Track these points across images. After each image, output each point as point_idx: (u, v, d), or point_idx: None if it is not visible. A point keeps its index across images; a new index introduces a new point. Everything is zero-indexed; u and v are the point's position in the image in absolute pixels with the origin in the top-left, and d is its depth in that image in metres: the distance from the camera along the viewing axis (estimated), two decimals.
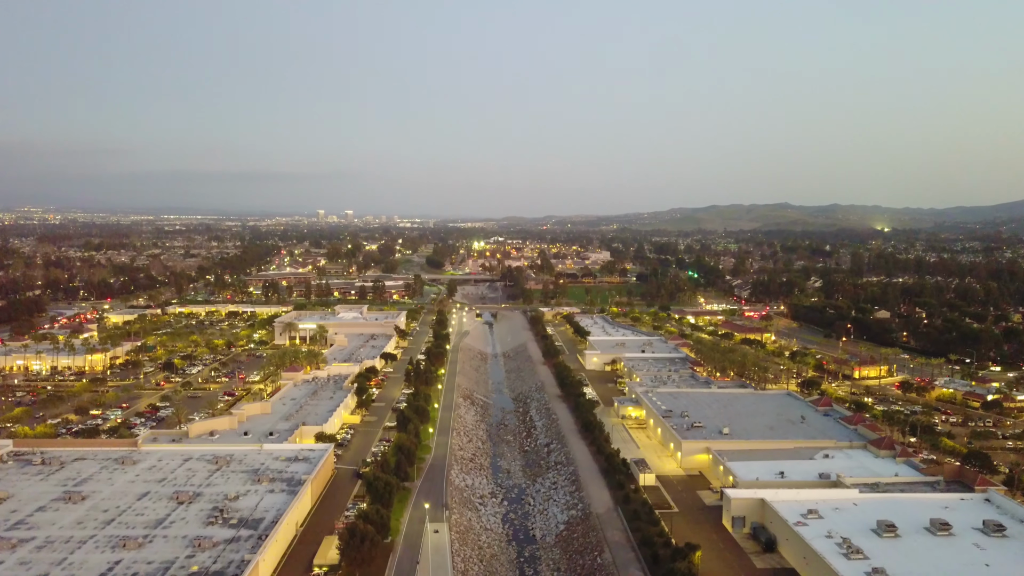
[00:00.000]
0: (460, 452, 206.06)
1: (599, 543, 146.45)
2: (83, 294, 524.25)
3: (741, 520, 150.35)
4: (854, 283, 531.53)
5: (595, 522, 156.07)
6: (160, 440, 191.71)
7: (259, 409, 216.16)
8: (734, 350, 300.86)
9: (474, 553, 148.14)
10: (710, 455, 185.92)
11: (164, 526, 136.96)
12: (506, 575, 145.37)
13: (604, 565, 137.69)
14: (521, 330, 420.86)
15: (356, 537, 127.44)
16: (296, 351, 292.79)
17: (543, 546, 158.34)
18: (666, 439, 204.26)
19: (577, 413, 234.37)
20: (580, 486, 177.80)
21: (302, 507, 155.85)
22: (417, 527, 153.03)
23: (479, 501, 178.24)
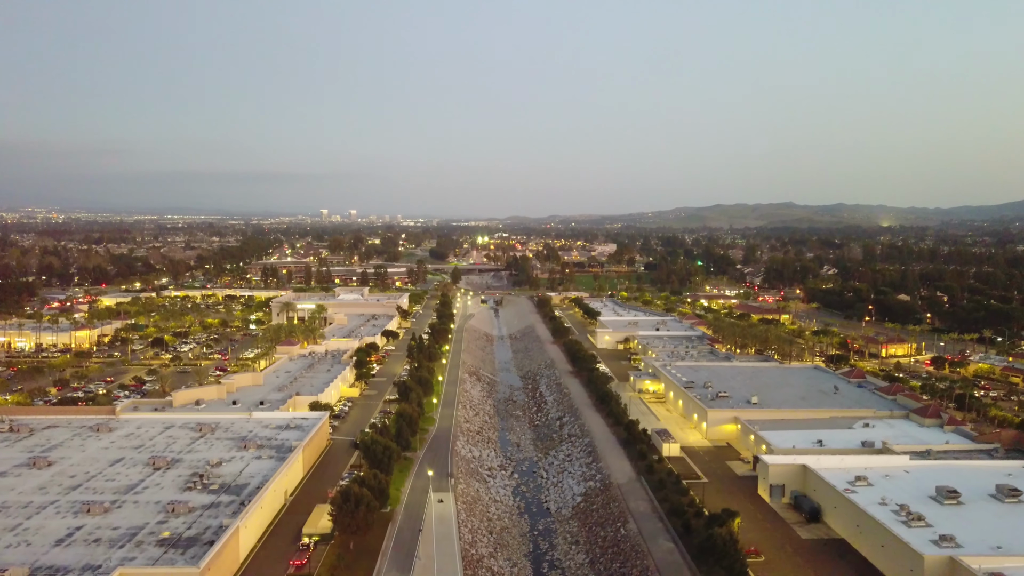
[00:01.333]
0: (466, 424, 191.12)
1: (622, 514, 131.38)
2: (77, 280, 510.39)
3: (780, 489, 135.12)
4: (872, 268, 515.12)
5: (616, 493, 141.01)
6: (142, 410, 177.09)
7: (250, 380, 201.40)
8: (754, 326, 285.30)
9: (483, 525, 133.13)
10: (738, 425, 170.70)
11: (136, 492, 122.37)
12: (519, 549, 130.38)
13: (629, 536, 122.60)
14: (528, 313, 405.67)
15: (350, 502, 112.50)
16: (292, 326, 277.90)
17: (559, 519, 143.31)
18: (688, 411, 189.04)
19: (591, 387, 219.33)
20: (597, 457, 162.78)
21: (292, 475, 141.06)
22: (419, 497, 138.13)
23: (487, 473, 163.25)
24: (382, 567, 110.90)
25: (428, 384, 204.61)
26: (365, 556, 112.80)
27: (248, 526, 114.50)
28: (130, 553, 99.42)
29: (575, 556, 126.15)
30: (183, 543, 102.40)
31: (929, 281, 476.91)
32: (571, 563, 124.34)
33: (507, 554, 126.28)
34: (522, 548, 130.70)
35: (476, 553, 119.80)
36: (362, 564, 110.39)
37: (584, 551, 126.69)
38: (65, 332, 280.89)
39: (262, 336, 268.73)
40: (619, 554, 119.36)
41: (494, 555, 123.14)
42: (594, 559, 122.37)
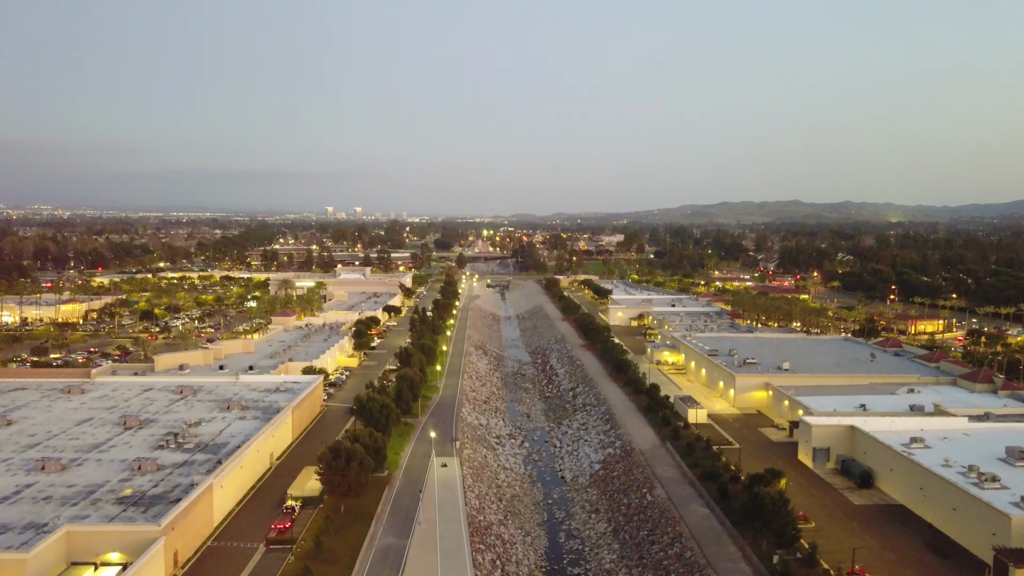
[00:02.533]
0: (472, 394, 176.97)
1: (647, 480, 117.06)
2: (73, 264, 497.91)
3: (824, 453, 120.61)
4: (892, 252, 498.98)
5: (639, 459, 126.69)
6: (121, 375, 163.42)
7: (240, 347, 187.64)
8: (777, 298, 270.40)
9: (491, 491, 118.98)
10: (769, 391, 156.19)
11: (100, 450, 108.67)
12: (532, 518, 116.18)
13: (657, 502, 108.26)
14: (535, 295, 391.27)
15: (340, 458, 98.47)
16: (289, 296, 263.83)
17: (575, 487, 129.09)
18: (713, 379, 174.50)
19: (605, 358, 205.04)
20: (616, 424, 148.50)
21: (280, 438, 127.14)
22: (420, 462, 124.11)
23: (495, 440, 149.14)
24: (376, 532, 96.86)
25: (431, 353, 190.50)
26: (357, 521, 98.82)
27: (225, 487, 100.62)
28: (83, 511, 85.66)
29: (595, 525, 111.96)
30: (146, 501, 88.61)
31: (950, 265, 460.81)
32: (591, 532, 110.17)
33: (519, 522, 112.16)
34: (535, 517, 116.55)
35: (484, 519, 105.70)
36: (353, 529, 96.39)
37: (605, 519, 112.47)
38: (51, 307, 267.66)
39: (257, 306, 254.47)
40: (646, 521, 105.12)
41: (504, 523, 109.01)
42: (617, 527, 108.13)
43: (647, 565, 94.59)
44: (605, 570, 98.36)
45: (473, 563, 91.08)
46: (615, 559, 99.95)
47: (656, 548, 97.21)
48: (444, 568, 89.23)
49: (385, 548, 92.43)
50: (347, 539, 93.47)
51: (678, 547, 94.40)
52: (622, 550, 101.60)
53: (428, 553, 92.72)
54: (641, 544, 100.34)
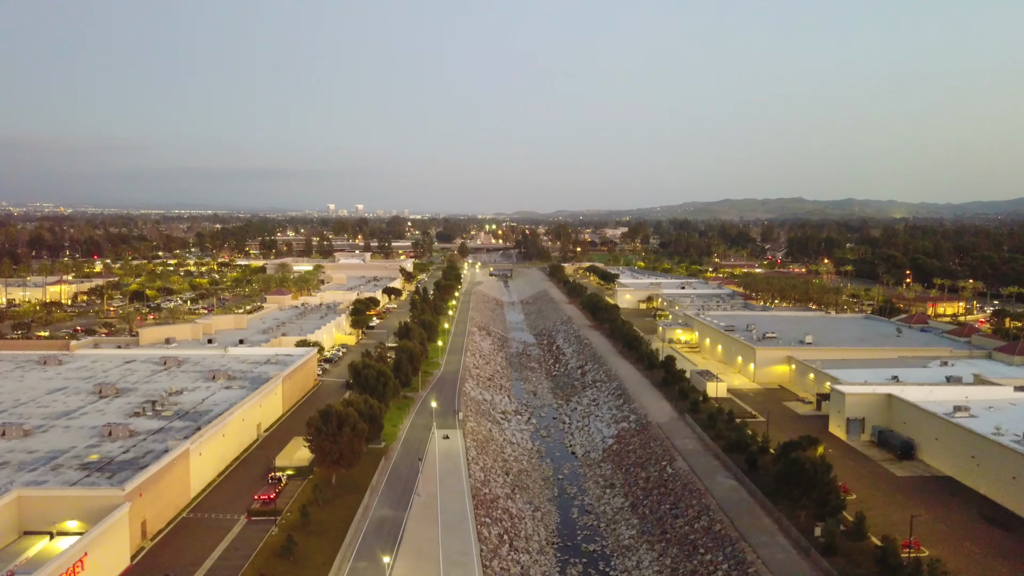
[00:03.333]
0: (476, 371, 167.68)
1: (667, 452, 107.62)
2: (69, 253, 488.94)
3: (858, 424, 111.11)
4: (903, 240, 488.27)
5: (656, 432, 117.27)
6: (103, 348, 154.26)
7: (231, 322, 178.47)
8: (792, 278, 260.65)
9: (497, 464, 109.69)
10: (792, 365, 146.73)
11: (71, 417, 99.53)
12: (542, 493, 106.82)
13: (679, 474, 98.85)
14: (539, 281, 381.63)
15: (331, 423, 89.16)
16: (285, 276, 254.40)
17: (587, 462, 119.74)
18: (731, 354, 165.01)
19: (615, 337, 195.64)
20: (629, 399, 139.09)
21: (269, 409, 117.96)
22: (420, 434, 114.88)
23: (500, 416, 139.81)
24: (371, 504, 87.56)
25: (433, 329, 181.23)
26: (350, 493, 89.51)
27: (205, 455, 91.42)
28: (41, 477, 76.54)
29: (611, 500, 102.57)
30: (114, 467, 79.40)
31: (963, 252, 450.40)
32: (607, 508, 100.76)
33: (527, 497, 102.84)
34: (545, 492, 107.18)
35: (490, 492, 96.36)
36: (345, 500, 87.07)
37: (622, 494, 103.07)
38: (39, 288, 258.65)
39: (251, 285, 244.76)
40: (668, 494, 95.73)
41: (511, 496, 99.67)
42: (636, 502, 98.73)
43: (671, 540, 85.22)
44: (623, 546, 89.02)
45: (478, 537, 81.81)
46: (634, 535, 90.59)
47: (680, 522, 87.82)
48: (446, 542, 79.95)
49: (380, 520, 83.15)
50: (338, 511, 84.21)
51: (705, 520, 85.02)
52: (642, 525, 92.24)
53: (428, 526, 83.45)
54: (663, 518, 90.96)
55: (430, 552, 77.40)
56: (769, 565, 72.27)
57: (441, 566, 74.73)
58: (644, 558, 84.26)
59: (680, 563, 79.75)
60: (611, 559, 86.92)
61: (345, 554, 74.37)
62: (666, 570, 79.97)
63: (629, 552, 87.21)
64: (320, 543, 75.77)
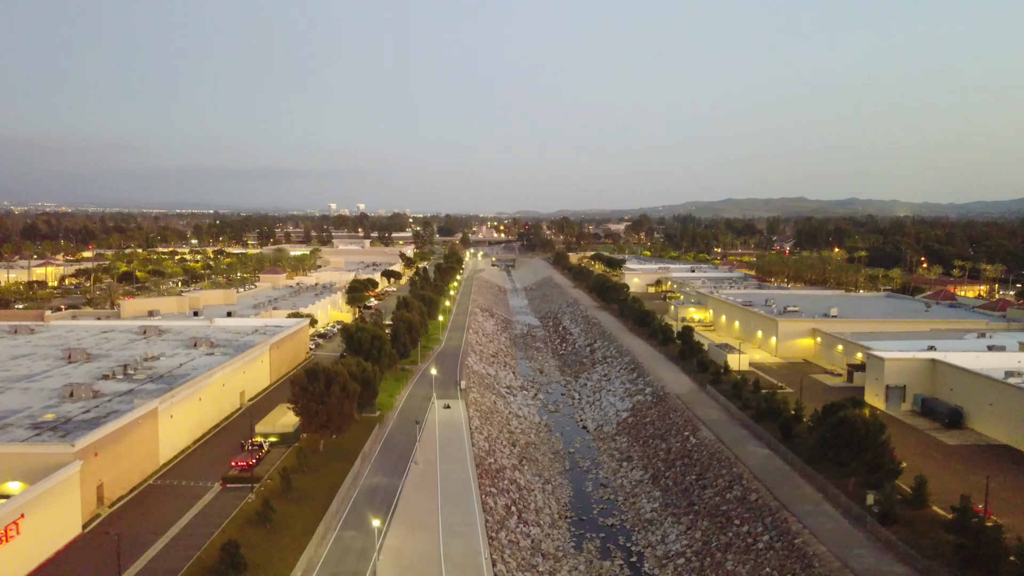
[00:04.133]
0: (479, 347, 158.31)
1: (689, 423, 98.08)
2: (63, 243, 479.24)
3: (899, 392, 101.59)
4: (914, 230, 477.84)
5: (676, 403, 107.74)
6: (82, 320, 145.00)
7: (221, 297, 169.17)
8: (807, 257, 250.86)
9: (502, 436, 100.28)
10: (817, 338, 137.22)
11: (32, 380, 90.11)
12: (552, 467, 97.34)
13: (704, 444, 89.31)
14: (543, 269, 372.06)
15: (319, 381, 79.76)
16: (280, 255, 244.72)
17: (600, 436, 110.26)
18: (749, 329, 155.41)
19: (625, 316, 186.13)
20: (643, 373, 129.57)
21: (255, 377, 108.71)
22: (419, 404, 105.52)
23: (505, 390, 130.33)
24: (362, 471, 78.25)
25: (433, 305, 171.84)
26: (339, 460, 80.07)
27: (178, 419, 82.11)
28: None
29: (629, 473, 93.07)
30: (69, 427, 69.87)
31: (976, 242, 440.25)
32: (624, 481, 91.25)
33: (536, 469, 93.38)
34: (556, 466, 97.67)
35: (495, 462, 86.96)
36: (333, 468, 77.65)
37: (640, 467, 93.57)
38: (24, 270, 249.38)
39: (245, 267, 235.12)
40: (692, 465, 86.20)
41: (519, 468, 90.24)
42: (656, 474, 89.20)
43: (700, 512, 75.67)
44: (645, 520, 79.48)
45: (483, 507, 72.34)
46: (657, 507, 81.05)
47: (709, 492, 78.28)
48: (447, 512, 70.53)
49: (372, 488, 73.72)
50: (325, 478, 74.79)
51: (738, 490, 75.48)
52: (665, 497, 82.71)
53: (426, 495, 74.00)
54: (689, 490, 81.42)
55: (428, 522, 68.01)
56: (818, 535, 62.75)
57: (441, 536, 65.34)
58: (670, 531, 74.75)
59: (713, 535, 70.25)
60: (632, 533, 77.44)
61: (331, 522, 64.99)
62: (696, 543, 70.47)
63: (652, 526, 77.71)
64: (302, 511, 66.37)
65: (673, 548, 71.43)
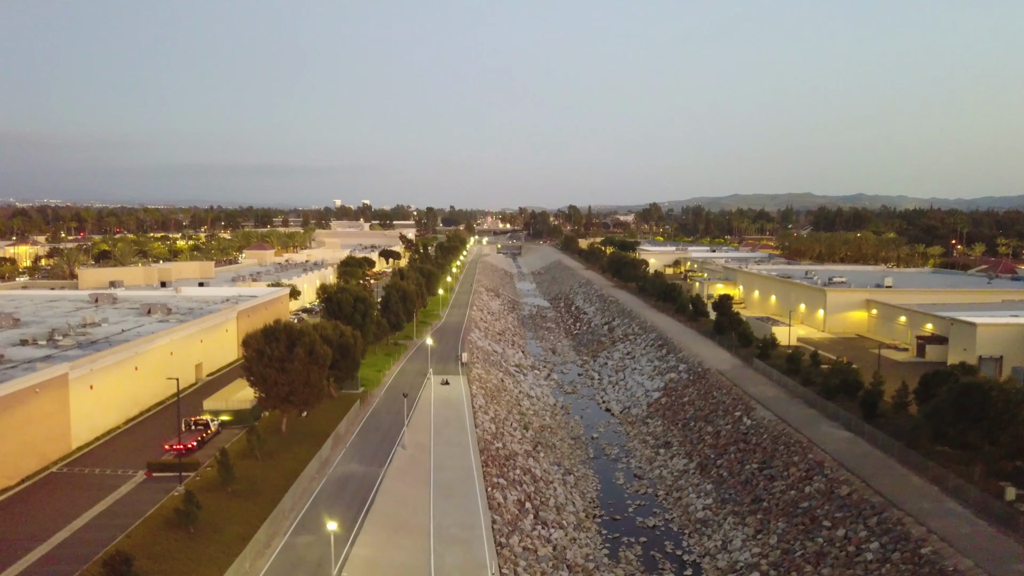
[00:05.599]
0: (484, 325, 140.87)
1: (739, 402, 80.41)
2: (52, 229, 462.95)
3: (993, 363, 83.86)
4: (938, 216, 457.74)
5: (719, 380, 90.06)
6: (33, 290, 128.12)
7: (197, 271, 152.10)
8: (840, 234, 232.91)
9: (512, 417, 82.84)
10: (872, 309, 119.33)
11: None
12: (573, 454, 79.77)
13: (763, 426, 71.66)
14: (552, 254, 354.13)
15: (279, 341, 62.51)
16: (271, 232, 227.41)
17: (628, 420, 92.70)
18: (788, 303, 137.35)
19: (646, 293, 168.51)
20: (674, 348, 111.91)
21: (217, 349, 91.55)
22: (413, 380, 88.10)
23: (515, 368, 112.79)
24: (332, 457, 60.97)
25: (433, 278, 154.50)
26: (303, 443, 62.67)
27: (101, 391, 64.97)
28: None
29: (668, 462, 75.50)
30: None
31: (1002, 226, 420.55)
32: (664, 472, 73.71)
33: (554, 458, 75.86)
34: (577, 454, 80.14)
35: (504, 448, 69.50)
36: (296, 452, 60.28)
37: (683, 454, 75.99)
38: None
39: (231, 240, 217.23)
40: (750, 451, 68.64)
41: (533, 455, 72.80)
42: (705, 463, 71.63)
43: (771, 510, 58.11)
44: (697, 520, 61.99)
45: (489, 503, 54.90)
46: (711, 504, 63.52)
47: (780, 485, 60.72)
48: (441, 510, 53.17)
49: (343, 478, 56.40)
50: (283, 465, 57.44)
51: (820, 481, 57.85)
52: (719, 491, 65.17)
53: (414, 487, 56.63)
54: (751, 481, 63.86)
55: (415, 523, 50.62)
56: (953, 542, 45.10)
57: (432, 543, 47.94)
58: (733, 535, 57.21)
59: (795, 541, 52.66)
60: (680, 537, 59.99)
61: (279, 524, 47.68)
62: (771, 551, 52.92)
63: (707, 528, 60.23)
64: (244, 508, 49.10)
65: (741, 558, 53.87)
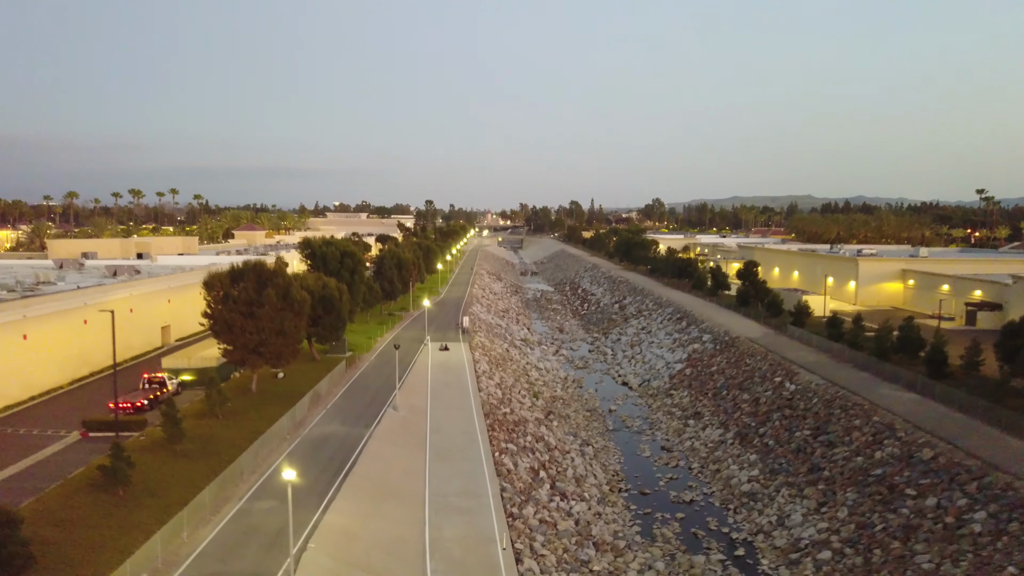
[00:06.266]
0: (486, 301, 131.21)
1: (778, 367, 70.77)
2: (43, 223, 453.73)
3: None
4: (946, 210, 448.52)
5: (751, 347, 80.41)
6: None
7: (180, 246, 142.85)
8: (860, 215, 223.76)
9: (520, 385, 73.15)
10: (909, 280, 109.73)
11: None
12: (588, 427, 70.05)
13: (811, 390, 62.03)
14: (555, 245, 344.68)
15: (247, 282, 52.97)
16: (263, 214, 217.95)
17: (648, 392, 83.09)
18: (815, 277, 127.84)
19: (658, 273, 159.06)
20: (695, 320, 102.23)
21: (186, 312, 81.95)
22: (408, 347, 78.36)
23: (521, 342, 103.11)
24: (308, 417, 51.42)
25: (432, 254, 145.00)
26: (276, 404, 52.90)
27: (39, 343, 55.69)
28: None
29: (703, 433, 65.89)
30: None
31: (1013, 218, 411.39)
32: (696, 443, 64.11)
33: (568, 428, 66.12)
34: (594, 426, 70.43)
35: (512, 413, 59.83)
36: (264, 414, 50.60)
37: (719, 424, 66.35)
38: None
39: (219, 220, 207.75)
40: (799, 417, 59.01)
41: (546, 423, 63.10)
42: (745, 431, 61.97)
43: (835, 479, 48.44)
44: (743, 493, 52.35)
45: (497, 469, 45.21)
46: (758, 476, 53.84)
47: (842, 451, 51.07)
48: (438, 475, 43.54)
49: (320, 439, 46.74)
50: (248, 425, 47.80)
51: (893, 445, 48.18)
52: (766, 461, 55.49)
53: (406, 449, 46.95)
54: (805, 449, 54.16)
55: (406, 489, 40.96)
56: None
57: (427, 512, 38.24)
58: (790, 509, 47.52)
59: (872, 513, 42.98)
60: (725, 513, 50.35)
61: (234, 487, 38.05)
62: (842, 526, 43.26)
63: (755, 502, 50.54)
64: (194, 469, 39.51)
65: (804, 534, 44.17)
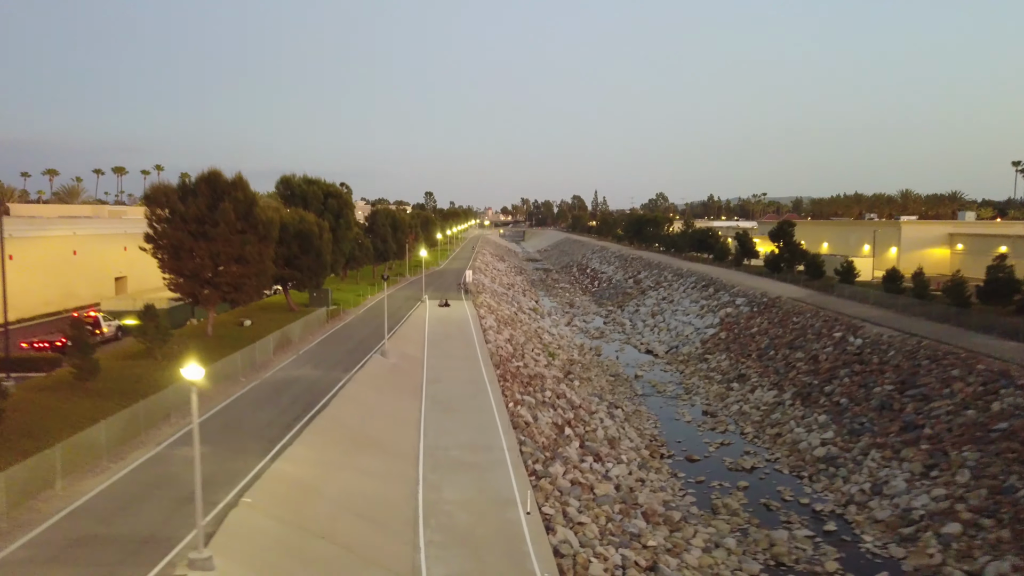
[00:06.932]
0: (491, 274, 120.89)
1: (834, 323, 60.49)
2: None
3: None
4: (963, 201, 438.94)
5: (797, 306, 70.06)
6: None
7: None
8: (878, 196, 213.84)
9: (532, 343, 62.83)
10: (958, 244, 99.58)
11: None
12: (613, 390, 59.62)
13: (885, 342, 51.78)
14: (558, 235, 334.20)
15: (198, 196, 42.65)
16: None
17: (677, 359, 72.73)
18: (850, 245, 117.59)
19: (677, 248, 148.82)
20: (724, 286, 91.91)
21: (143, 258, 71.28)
22: (402, 304, 68.06)
23: (530, 311, 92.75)
24: (271, 363, 40.93)
25: (431, 224, 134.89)
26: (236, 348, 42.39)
27: None
28: None
29: (751, 396, 55.60)
30: None
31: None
32: (747, 406, 53.78)
33: (591, 390, 55.76)
34: (621, 390, 60.08)
35: (526, 367, 49.42)
36: (215, 356, 40.01)
37: (771, 385, 56.08)
38: None
39: None
40: (874, 372, 48.75)
41: (566, 381, 52.73)
42: (807, 390, 51.65)
43: (942, 437, 38.10)
44: (818, 458, 42.02)
45: (513, 421, 34.75)
46: (835, 438, 43.59)
47: (944, 405, 40.72)
48: (436, 425, 33.15)
49: (282, 383, 36.40)
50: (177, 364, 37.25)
51: (1014, 395, 37.84)
52: (841, 422, 45.11)
53: (394, 395, 36.57)
54: (890, 405, 43.84)
55: (390, 440, 30.55)
56: None
57: (421, 468, 27.84)
58: (887, 475, 37.23)
59: (1009, 475, 32.56)
60: (799, 481, 40.02)
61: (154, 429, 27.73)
62: (971, 493, 32.86)
63: (836, 467, 40.25)
64: (100, 408, 29.15)
65: (916, 503, 33.82)
